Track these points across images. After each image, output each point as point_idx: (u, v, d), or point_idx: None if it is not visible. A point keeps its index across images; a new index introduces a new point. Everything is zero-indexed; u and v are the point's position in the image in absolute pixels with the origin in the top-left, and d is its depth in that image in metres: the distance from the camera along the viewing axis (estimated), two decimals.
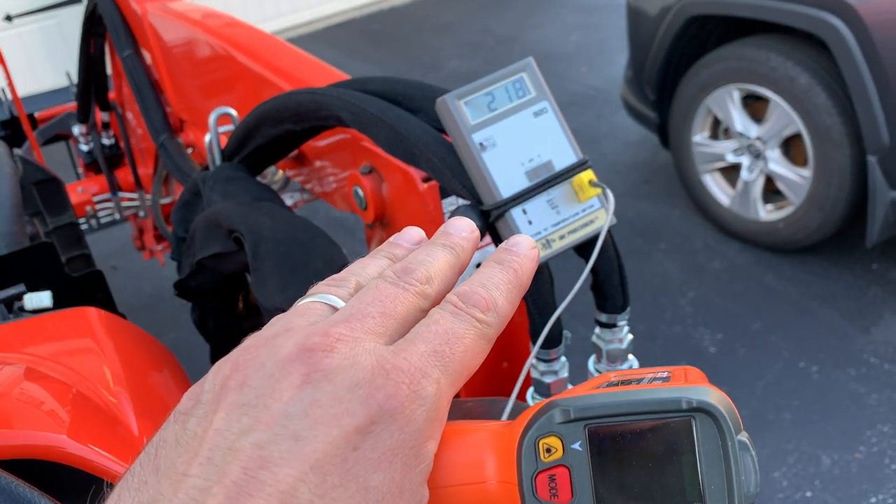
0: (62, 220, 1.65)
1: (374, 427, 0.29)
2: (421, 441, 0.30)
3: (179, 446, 0.30)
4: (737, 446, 0.31)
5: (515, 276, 0.36)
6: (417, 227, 0.40)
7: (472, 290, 0.34)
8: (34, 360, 0.82)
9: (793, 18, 2.54)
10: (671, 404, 0.31)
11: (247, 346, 0.32)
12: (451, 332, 0.32)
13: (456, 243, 0.37)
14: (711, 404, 0.31)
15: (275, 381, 0.30)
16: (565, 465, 0.32)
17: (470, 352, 0.33)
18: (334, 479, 0.28)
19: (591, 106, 4.23)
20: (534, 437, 0.32)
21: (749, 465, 0.31)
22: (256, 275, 0.81)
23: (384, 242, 0.40)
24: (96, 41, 2.05)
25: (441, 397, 0.31)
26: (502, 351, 0.92)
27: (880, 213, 2.46)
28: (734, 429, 0.31)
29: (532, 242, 0.38)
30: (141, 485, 0.29)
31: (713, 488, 0.31)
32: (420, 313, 0.34)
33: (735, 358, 2.51)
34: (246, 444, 0.28)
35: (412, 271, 0.35)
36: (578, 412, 0.31)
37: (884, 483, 2.06)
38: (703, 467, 0.31)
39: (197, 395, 0.31)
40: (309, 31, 6.23)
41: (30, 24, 5.31)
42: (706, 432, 0.31)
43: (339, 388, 0.29)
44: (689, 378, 0.33)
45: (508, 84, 0.67)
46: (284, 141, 0.97)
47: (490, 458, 0.33)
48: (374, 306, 0.33)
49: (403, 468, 0.30)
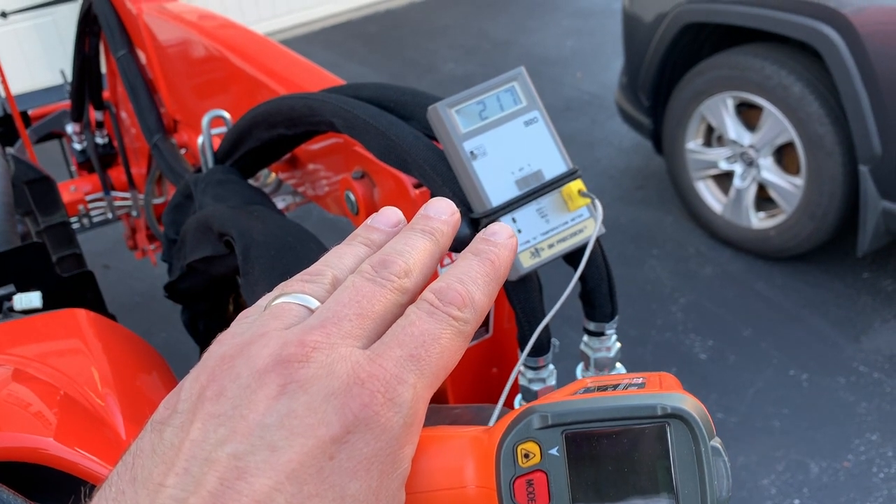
0: (53, 220, 1.65)
1: (350, 436, 0.29)
2: (397, 447, 0.30)
3: (156, 456, 0.30)
4: (710, 452, 0.31)
5: (493, 268, 0.35)
6: (395, 207, 0.39)
7: (449, 285, 0.34)
8: (22, 362, 0.82)
9: (787, 28, 2.55)
10: (647, 410, 0.32)
11: (222, 353, 0.32)
12: (427, 333, 0.32)
13: (436, 228, 0.37)
14: (686, 410, 0.31)
15: (251, 392, 0.30)
16: (543, 470, 0.32)
17: (447, 352, 0.32)
18: (311, 489, 0.28)
19: (585, 111, 4.23)
20: (512, 443, 0.32)
21: (721, 469, 0.31)
22: (246, 278, 0.81)
23: (361, 225, 0.39)
24: (91, 40, 2.05)
25: (418, 401, 0.31)
26: (492, 358, 0.92)
27: (871, 223, 2.47)
28: (707, 435, 0.32)
29: (510, 231, 0.37)
30: (118, 494, 0.29)
31: (687, 492, 0.31)
32: (399, 309, 0.34)
33: (725, 365, 2.52)
34: (222, 455, 0.28)
35: (390, 264, 0.34)
36: (556, 418, 0.32)
37: (871, 492, 2.06)
38: (678, 472, 0.32)
39: (173, 404, 0.31)
40: (304, 33, 6.23)
41: (25, 21, 5.29)
42: (680, 438, 0.32)
43: (315, 398, 0.29)
44: (664, 385, 0.34)
45: (500, 93, 0.67)
46: (277, 145, 0.97)
47: (469, 463, 0.34)
48: (351, 307, 0.33)
49: (380, 475, 0.30)
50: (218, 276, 1.00)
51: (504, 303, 0.87)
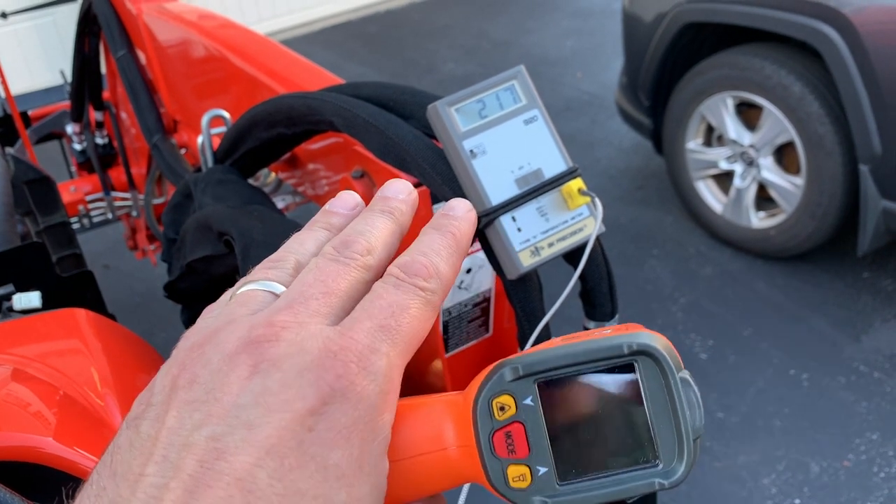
0: (53, 220, 1.65)
1: (327, 407, 0.29)
2: (376, 415, 0.31)
3: (134, 449, 0.30)
4: (679, 383, 0.32)
5: (454, 240, 0.36)
6: (352, 191, 0.39)
7: (413, 259, 0.34)
8: (21, 362, 0.82)
9: (787, 27, 2.55)
10: (614, 350, 0.32)
11: (191, 344, 0.32)
12: (395, 304, 0.32)
13: (395, 207, 0.37)
14: (652, 346, 0.32)
15: (223, 375, 0.30)
16: (519, 420, 0.33)
17: (416, 321, 0.33)
18: (291, 461, 0.28)
19: (585, 111, 4.23)
20: (487, 398, 0.33)
21: (693, 399, 0.32)
22: None
23: (320, 210, 0.39)
24: (91, 40, 2.05)
25: (392, 369, 0.31)
26: (491, 357, 0.92)
27: (872, 222, 2.47)
28: (675, 367, 0.32)
29: (468, 205, 0.37)
30: (100, 491, 0.29)
31: (661, 426, 0.32)
32: (364, 286, 0.34)
33: (726, 364, 2.52)
34: (200, 438, 0.29)
35: (352, 244, 0.35)
36: (527, 368, 0.33)
37: (872, 491, 2.06)
38: (650, 407, 0.32)
39: (147, 399, 0.31)
40: (304, 33, 6.23)
41: (25, 22, 5.29)
42: (649, 373, 0.32)
43: (288, 374, 0.30)
44: (630, 328, 0.34)
45: (499, 92, 0.67)
46: (276, 144, 0.97)
47: (447, 425, 0.34)
48: (316, 287, 0.33)
49: (361, 443, 0.30)
50: (218, 275, 1.00)
51: (504, 302, 0.87)
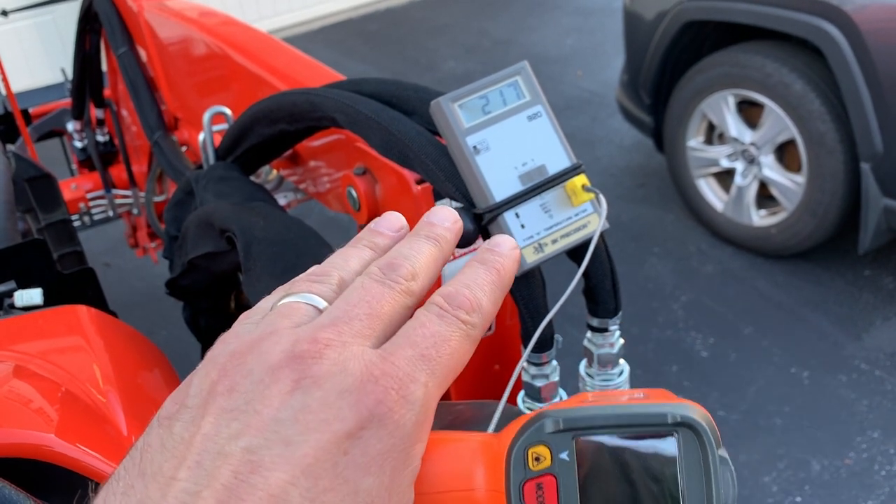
0: (54, 217, 1.64)
1: (364, 432, 0.29)
2: (409, 444, 0.31)
3: (166, 451, 0.29)
4: (717, 461, 0.32)
5: (498, 277, 0.36)
6: (398, 212, 0.40)
7: (458, 291, 0.34)
8: (23, 358, 0.82)
9: (788, 25, 2.55)
10: (657, 418, 0.32)
11: (232, 350, 0.32)
12: (437, 334, 0.33)
13: (440, 235, 0.37)
14: (695, 420, 0.32)
15: (264, 387, 0.30)
16: (553, 473, 0.32)
17: (456, 353, 0.33)
18: (325, 483, 0.28)
19: (586, 109, 4.23)
20: (523, 446, 0.33)
21: (728, 479, 0.32)
22: (248, 275, 0.81)
23: (364, 229, 0.39)
24: (92, 38, 2.05)
25: (429, 400, 0.31)
26: (494, 354, 0.92)
27: (873, 220, 2.47)
28: (715, 444, 0.32)
29: (514, 243, 0.38)
30: (127, 489, 0.29)
31: (693, 500, 0.32)
32: (406, 311, 0.34)
33: (727, 363, 2.51)
34: (236, 449, 0.28)
35: (397, 267, 0.35)
36: (568, 423, 0.32)
37: (873, 489, 2.06)
38: (685, 480, 0.32)
39: (181, 399, 0.31)
40: (305, 31, 6.23)
41: (26, 20, 5.29)
42: (689, 446, 0.32)
43: (329, 393, 0.30)
44: (667, 396, 0.34)
45: (503, 87, 0.67)
46: (278, 141, 0.97)
47: (478, 466, 0.34)
48: (361, 307, 0.33)
49: (392, 471, 0.30)
50: (219, 272, 1.00)
51: (507, 299, 0.87)
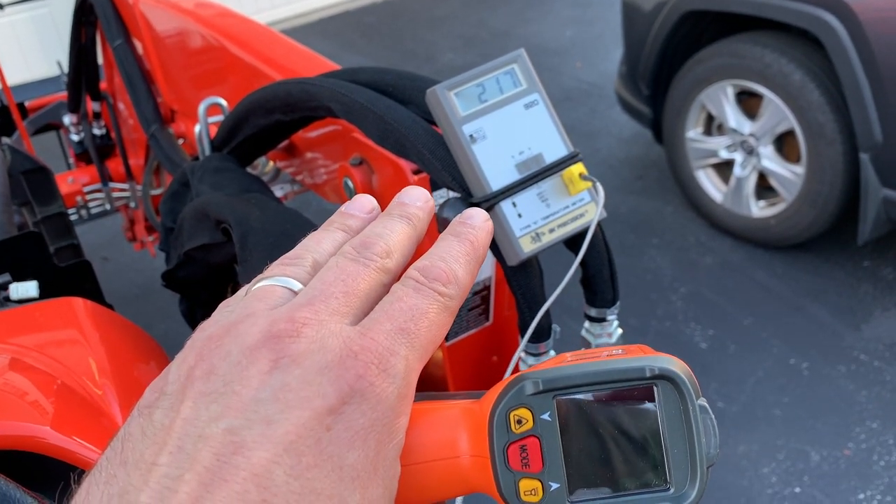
0: (51, 210, 1.64)
1: (346, 407, 0.29)
2: (393, 418, 0.31)
3: (146, 438, 0.29)
4: (697, 410, 0.32)
5: (472, 248, 0.36)
6: (368, 195, 0.40)
7: (433, 263, 0.34)
8: (19, 351, 0.81)
9: (788, 15, 2.54)
10: (636, 372, 0.33)
11: (208, 335, 0.31)
12: (415, 307, 0.33)
13: (412, 213, 0.38)
14: (673, 371, 0.33)
15: (242, 369, 0.30)
16: (536, 435, 0.33)
17: (434, 325, 0.33)
18: (309, 460, 0.28)
19: (585, 101, 4.22)
20: (505, 410, 0.33)
21: (709, 427, 0.33)
22: (244, 266, 0.81)
23: (336, 212, 0.39)
24: (87, 30, 2.04)
25: (410, 373, 0.32)
26: (492, 345, 0.92)
27: (872, 211, 2.47)
28: (694, 394, 0.33)
29: (485, 215, 0.38)
30: (109, 478, 0.29)
31: (675, 451, 0.33)
32: (382, 288, 0.34)
33: (726, 354, 2.51)
34: (217, 431, 0.28)
35: (371, 245, 0.35)
36: (548, 383, 0.33)
37: (872, 479, 2.06)
38: (666, 431, 0.33)
39: (160, 387, 0.31)
40: (302, 23, 6.21)
41: (21, 13, 5.27)
42: (668, 398, 0.33)
43: (309, 371, 0.29)
44: (645, 351, 0.34)
45: (499, 75, 0.66)
46: (274, 131, 0.96)
47: (461, 433, 0.34)
48: (337, 286, 0.33)
49: (377, 445, 0.30)
50: (216, 264, 0.99)
51: (504, 290, 0.86)
